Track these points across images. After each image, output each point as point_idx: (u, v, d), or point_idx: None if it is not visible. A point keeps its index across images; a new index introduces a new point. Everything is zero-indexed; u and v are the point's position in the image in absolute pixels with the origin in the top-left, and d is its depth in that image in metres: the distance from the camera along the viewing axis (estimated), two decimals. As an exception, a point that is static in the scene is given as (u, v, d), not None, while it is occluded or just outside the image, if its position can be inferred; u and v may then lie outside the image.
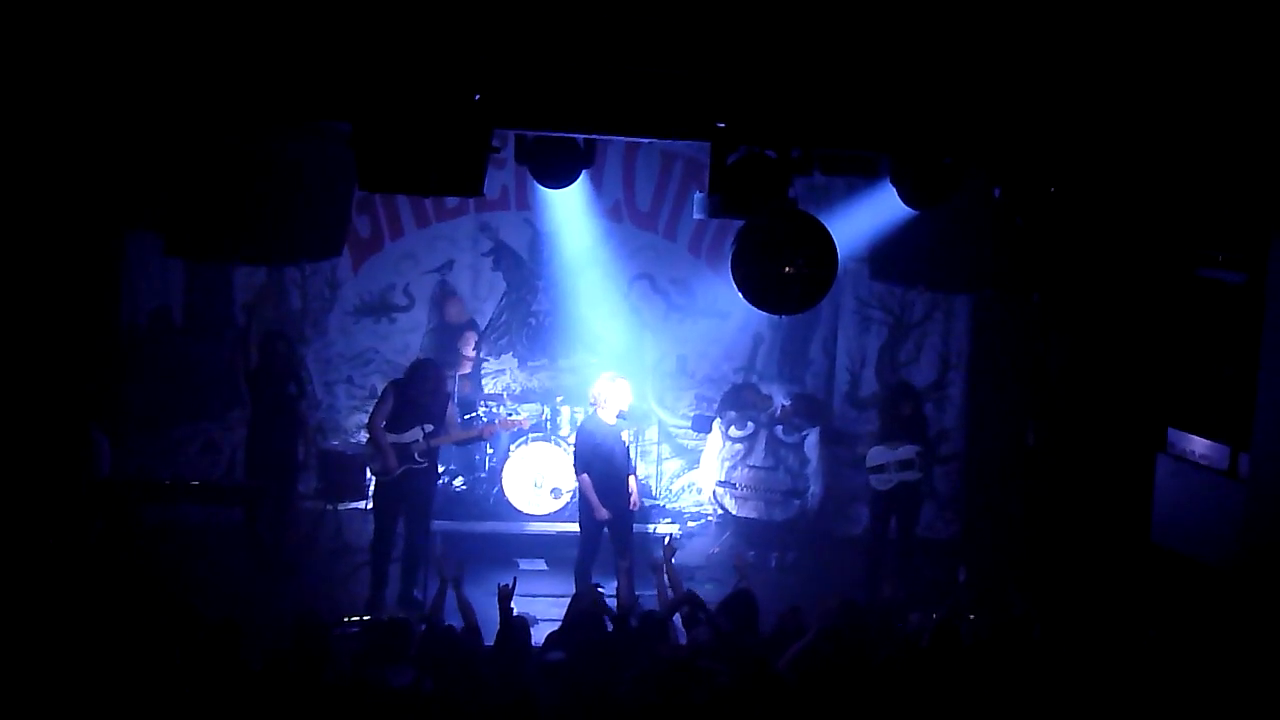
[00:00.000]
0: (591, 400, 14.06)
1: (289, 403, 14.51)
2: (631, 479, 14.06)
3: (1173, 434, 13.49)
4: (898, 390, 15.49)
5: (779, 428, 16.31)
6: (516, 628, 10.50)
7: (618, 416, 13.92)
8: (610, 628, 10.72)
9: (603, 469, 13.82)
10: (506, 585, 10.77)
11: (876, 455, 14.89)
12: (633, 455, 14.45)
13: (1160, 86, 9.93)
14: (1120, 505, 14.18)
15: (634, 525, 14.32)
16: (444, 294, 16.65)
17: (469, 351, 16.23)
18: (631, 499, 13.95)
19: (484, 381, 16.67)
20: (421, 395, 13.79)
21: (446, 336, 16.67)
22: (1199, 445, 13.11)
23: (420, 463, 13.76)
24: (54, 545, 11.61)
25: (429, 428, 13.74)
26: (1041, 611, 11.57)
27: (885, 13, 9.55)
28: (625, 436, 14.11)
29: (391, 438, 13.66)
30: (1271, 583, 10.95)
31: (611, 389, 13.94)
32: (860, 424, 16.71)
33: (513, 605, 10.66)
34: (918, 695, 9.81)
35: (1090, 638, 11.02)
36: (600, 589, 11.77)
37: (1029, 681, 10.00)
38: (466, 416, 15.48)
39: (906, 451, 14.72)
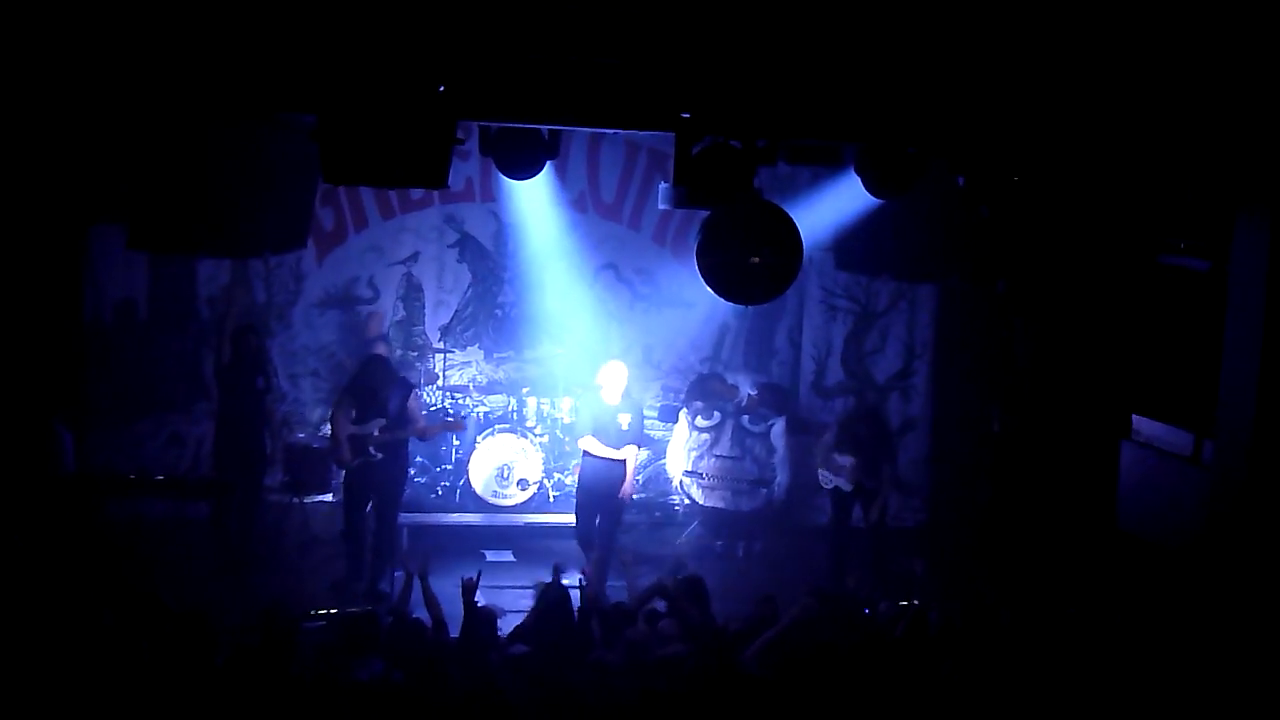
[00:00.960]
0: (597, 384, 14.26)
1: (257, 397, 14.46)
2: (629, 462, 14.11)
3: (1137, 420, 13.56)
4: (860, 410, 15.46)
5: (745, 417, 16.34)
6: (481, 620, 10.49)
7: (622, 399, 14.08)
8: (576, 617, 10.73)
9: (594, 469, 14.07)
10: (470, 579, 10.76)
11: (823, 478, 14.92)
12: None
13: (1122, 74, 9.96)
14: (1085, 491, 14.26)
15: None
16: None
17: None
18: (624, 487, 14.06)
19: (450, 373, 16.63)
20: (374, 389, 13.82)
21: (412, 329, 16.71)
22: (1163, 431, 13.18)
23: (375, 455, 13.76)
24: (18, 541, 11.53)
25: (382, 421, 13.75)
26: (1009, 598, 11.61)
27: (849, 3, 9.56)
28: (623, 421, 14.09)
29: (351, 429, 13.71)
30: (1234, 567, 11.01)
31: (609, 373, 14.14)
32: (826, 413, 16.73)
33: (478, 598, 10.65)
34: (888, 684, 9.84)
35: (1057, 624, 11.06)
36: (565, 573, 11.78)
37: (998, 668, 10.03)
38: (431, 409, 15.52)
39: (845, 461, 14.68)
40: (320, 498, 15.42)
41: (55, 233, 14.11)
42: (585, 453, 14.28)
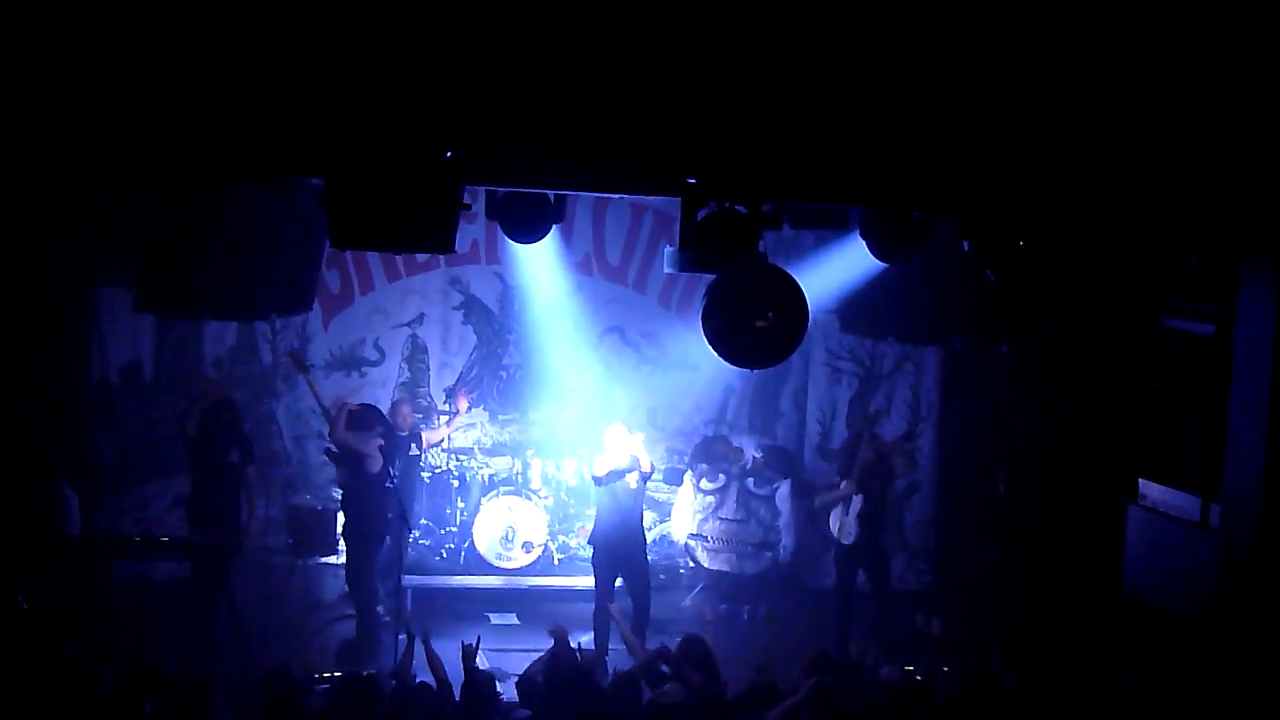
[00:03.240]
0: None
1: (230, 470, 14.21)
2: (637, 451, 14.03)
3: (1143, 484, 13.53)
4: (857, 437, 15.40)
5: (750, 480, 16.33)
6: (481, 684, 10.48)
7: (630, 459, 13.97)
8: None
9: (610, 506, 13.97)
10: (470, 645, 10.76)
11: (834, 519, 14.85)
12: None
13: (1127, 140, 9.99)
14: (1091, 555, 14.22)
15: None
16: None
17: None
18: (644, 464, 14.01)
19: (454, 435, 16.62)
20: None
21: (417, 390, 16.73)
22: (1169, 495, 13.15)
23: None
24: (22, 602, 11.52)
25: None
26: (1015, 663, 11.57)
27: (853, 69, 9.60)
28: (631, 481, 14.04)
29: None
30: (1243, 633, 10.96)
31: (610, 436, 14.06)
32: (831, 475, 16.70)
33: (483, 661, 10.64)
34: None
35: (1063, 689, 11.03)
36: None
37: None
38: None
39: (857, 503, 14.62)
40: (324, 559, 15.39)
41: (63, 295, 14.17)
42: (597, 512, 14.22)
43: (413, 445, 14.98)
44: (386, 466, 13.90)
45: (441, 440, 15.81)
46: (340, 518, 14.52)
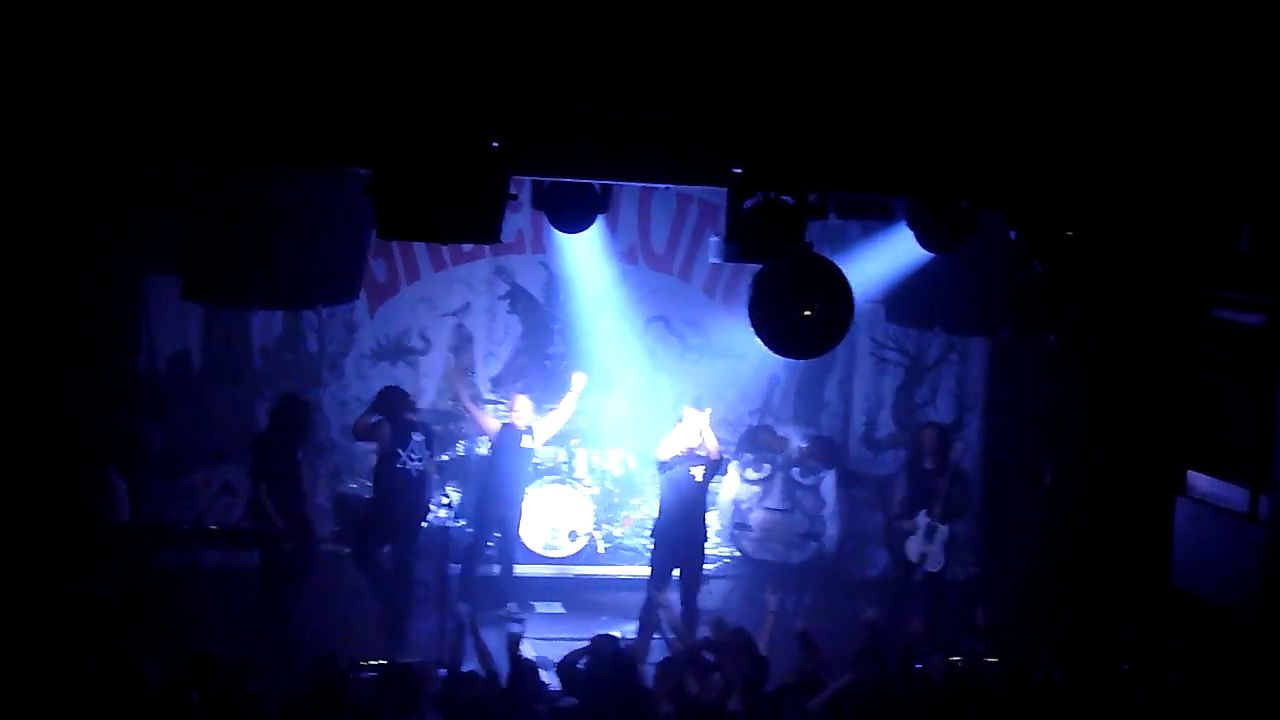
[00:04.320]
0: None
1: (296, 466, 14.34)
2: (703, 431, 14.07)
3: (1191, 476, 13.46)
4: (920, 439, 15.25)
5: (795, 470, 16.31)
6: (526, 672, 10.52)
7: (689, 451, 14.02)
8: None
9: (673, 499, 14.00)
10: (515, 634, 10.82)
11: (913, 546, 14.72)
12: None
13: (1178, 130, 9.94)
14: (1138, 547, 14.15)
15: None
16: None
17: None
18: (711, 450, 14.03)
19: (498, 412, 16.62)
20: None
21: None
22: (1218, 488, 13.08)
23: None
24: (72, 590, 11.61)
25: None
26: (1061, 654, 11.54)
27: (902, 57, 9.57)
28: (697, 474, 14.08)
29: None
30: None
31: (680, 424, 14.12)
32: (876, 466, 16.71)
33: (528, 650, 10.68)
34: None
35: (1110, 680, 10.99)
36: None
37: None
38: None
39: (943, 533, 14.55)
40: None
41: (111, 285, 14.24)
42: (661, 506, 14.25)
43: (526, 438, 15.01)
44: (395, 449, 14.01)
45: (553, 433, 15.73)
46: None
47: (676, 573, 14.08)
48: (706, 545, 14.64)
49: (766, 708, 10.46)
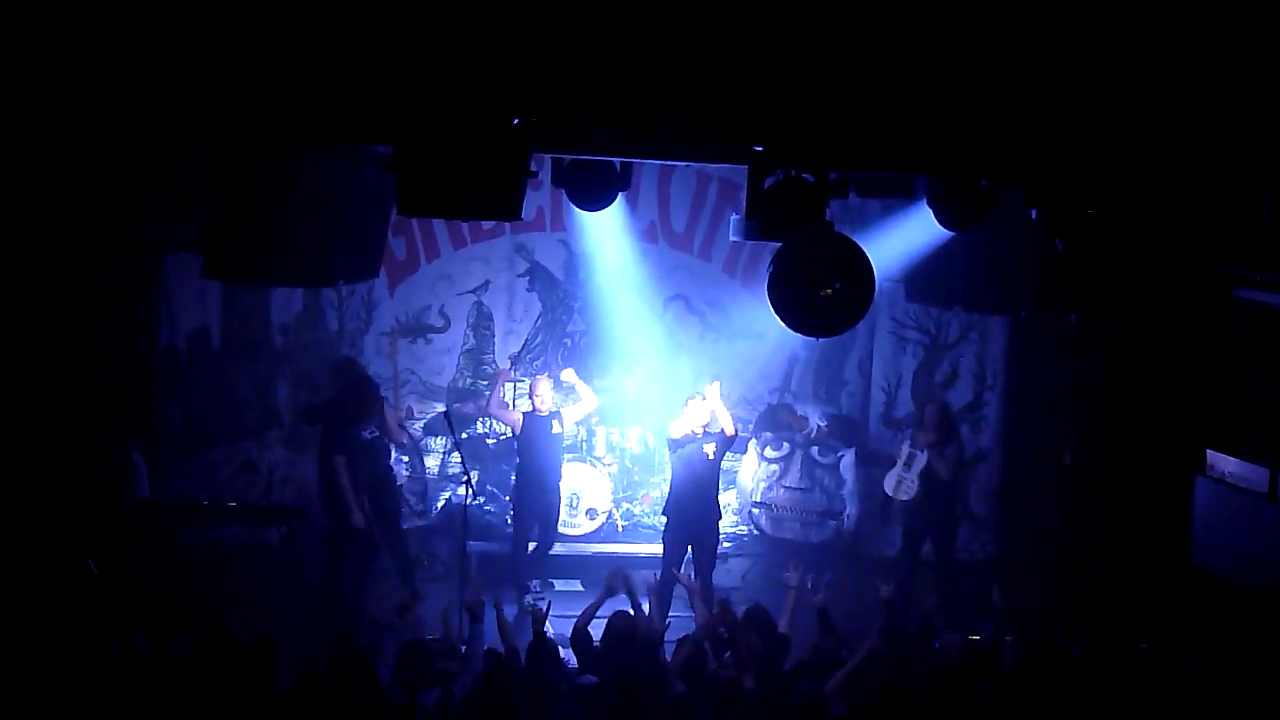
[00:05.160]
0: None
1: (364, 443, 14.47)
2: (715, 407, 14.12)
3: (1212, 456, 13.43)
4: (922, 415, 15.43)
5: (814, 449, 16.32)
6: (547, 649, 10.53)
7: (704, 429, 14.00)
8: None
9: (685, 476, 14.01)
10: (540, 609, 10.83)
11: (892, 477, 14.96)
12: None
13: (1199, 108, 9.91)
14: (1158, 526, 14.13)
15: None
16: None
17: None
18: (726, 428, 14.10)
19: (519, 402, 16.64)
20: None
21: (482, 358, 16.79)
22: (1238, 467, 13.05)
23: None
24: (92, 566, 11.63)
25: None
26: (1079, 633, 11.53)
27: (922, 35, 9.55)
28: (709, 451, 14.10)
29: None
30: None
31: (692, 402, 14.11)
32: (896, 445, 16.67)
33: (546, 627, 10.69)
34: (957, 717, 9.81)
35: (1129, 660, 10.98)
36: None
37: (1067, 707, 9.96)
38: None
39: (921, 461, 14.68)
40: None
41: (132, 262, 14.25)
42: (672, 483, 14.25)
43: (554, 423, 15.02)
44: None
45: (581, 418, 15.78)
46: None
47: (689, 551, 14.09)
48: (723, 523, 14.65)
49: (784, 685, 10.46)
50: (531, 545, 15.15)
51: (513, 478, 15.43)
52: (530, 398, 14.92)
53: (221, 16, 9.06)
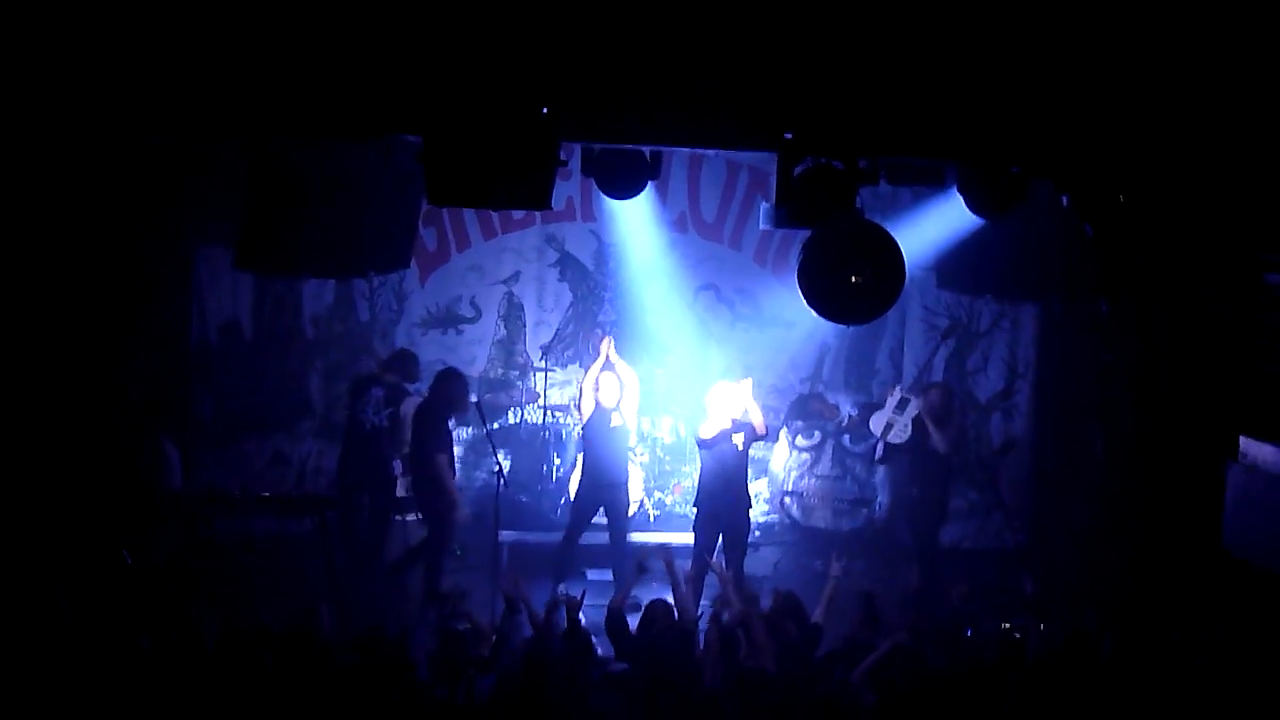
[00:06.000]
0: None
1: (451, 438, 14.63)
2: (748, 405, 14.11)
3: (1244, 442, 13.37)
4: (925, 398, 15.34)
5: (846, 437, 16.32)
6: (580, 638, 10.55)
7: (731, 422, 13.99)
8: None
9: (714, 469, 14.01)
10: (575, 597, 10.85)
11: (879, 417, 15.01)
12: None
13: (1230, 94, 9.87)
14: (1190, 514, 14.08)
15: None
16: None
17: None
18: (757, 424, 14.09)
19: (550, 392, 16.67)
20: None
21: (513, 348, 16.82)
22: (1272, 454, 12.98)
23: None
24: (127, 557, 11.69)
25: None
26: (1111, 622, 11.51)
27: (951, 22, 9.53)
28: (738, 442, 14.07)
29: None
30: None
31: (713, 397, 14.10)
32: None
33: (580, 616, 10.71)
34: (983, 708, 9.79)
35: (1161, 648, 10.95)
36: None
37: (1100, 695, 9.95)
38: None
39: (914, 406, 14.76)
40: (414, 516, 15.51)
41: (164, 254, 14.31)
42: (701, 474, 14.26)
43: (614, 416, 14.88)
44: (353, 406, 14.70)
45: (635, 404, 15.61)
46: None
47: (720, 540, 14.10)
48: (754, 512, 14.65)
49: (815, 673, 10.46)
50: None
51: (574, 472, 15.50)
52: (596, 389, 14.85)
53: (251, 9, 9.08)
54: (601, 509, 14.74)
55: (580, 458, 15.84)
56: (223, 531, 14.11)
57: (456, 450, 15.34)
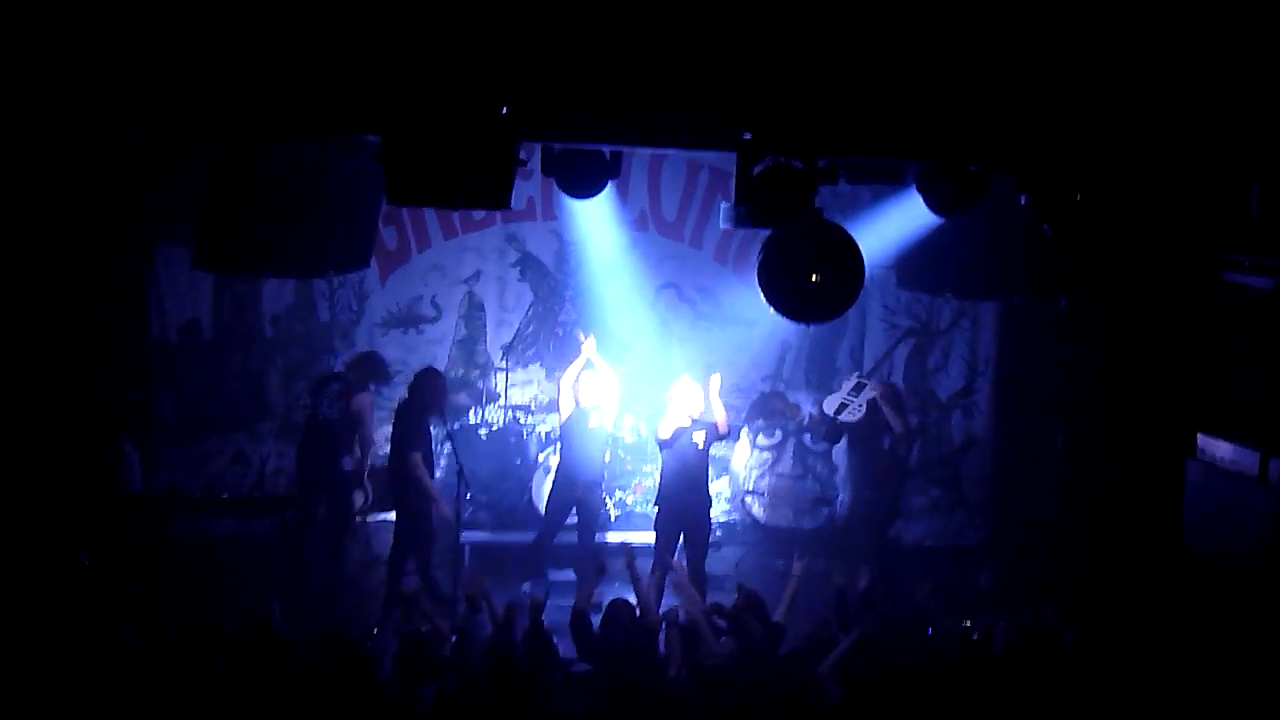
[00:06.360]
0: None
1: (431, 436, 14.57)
2: (710, 401, 14.11)
3: (1202, 440, 13.45)
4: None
5: (807, 436, 16.33)
6: (543, 638, 10.54)
7: (691, 420, 13.98)
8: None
9: (676, 467, 14.01)
10: (539, 598, 10.84)
11: (832, 401, 14.91)
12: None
13: (1189, 93, 9.92)
14: (1151, 511, 14.17)
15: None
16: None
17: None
18: (720, 422, 14.07)
19: (511, 392, 16.66)
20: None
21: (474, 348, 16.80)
22: (1228, 451, 13.07)
23: None
24: (85, 559, 11.63)
25: None
26: (1073, 617, 11.56)
27: (910, 21, 9.55)
28: (699, 440, 14.07)
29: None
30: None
31: (674, 394, 14.09)
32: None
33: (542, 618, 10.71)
34: (948, 703, 9.82)
35: (1122, 643, 11.00)
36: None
37: (1062, 690, 9.99)
38: None
39: (869, 391, 14.67)
40: (382, 516, 15.47)
41: (122, 253, 14.26)
42: (663, 473, 14.25)
43: (593, 415, 14.84)
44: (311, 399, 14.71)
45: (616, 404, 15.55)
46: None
47: (681, 539, 14.10)
48: (715, 511, 14.66)
49: (778, 671, 10.48)
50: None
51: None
52: (574, 390, 14.82)
53: (210, 6, 9.05)
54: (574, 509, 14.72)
55: (543, 457, 15.85)
56: (183, 532, 14.07)
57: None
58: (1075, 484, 15.67)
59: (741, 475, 16.40)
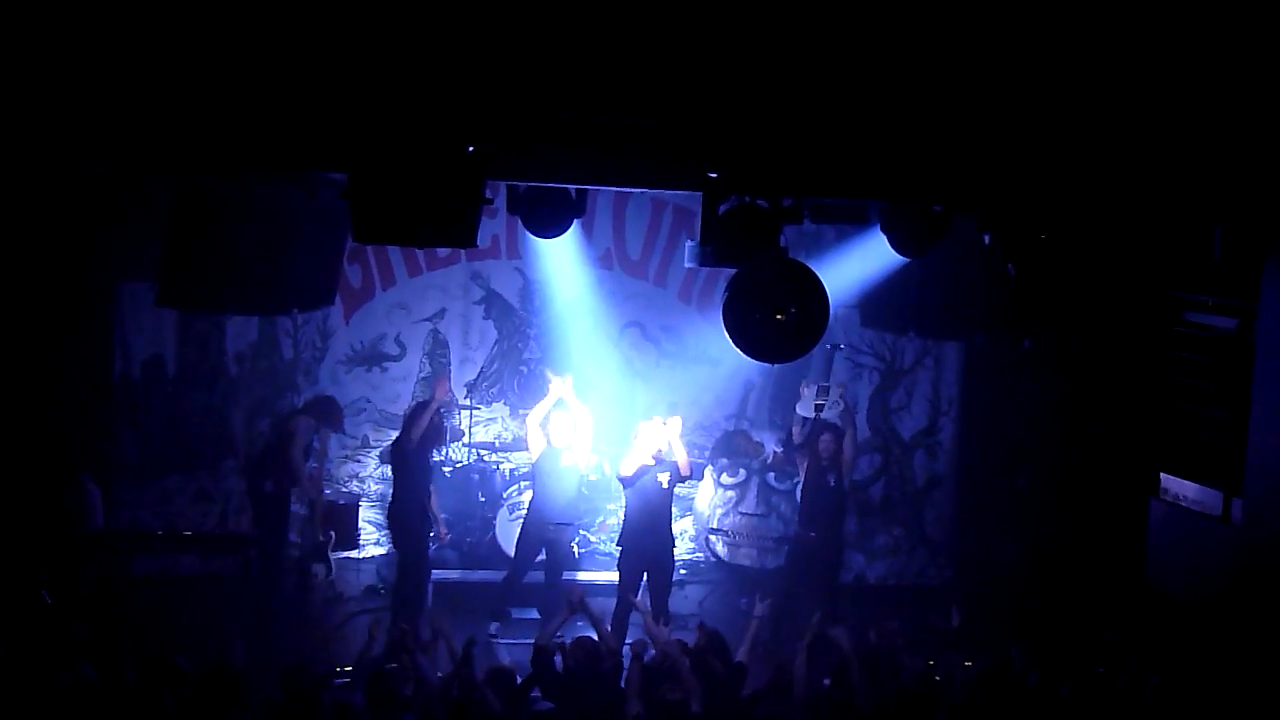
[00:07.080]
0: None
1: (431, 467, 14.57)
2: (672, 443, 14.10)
3: (1165, 479, 13.50)
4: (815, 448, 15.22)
5: (771, 475, 16.34)
6: (504, 678, 10.52)
7: (654, 459, 13.96)
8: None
9: (639, 507, 14.01)
10: (492, 636, 10.84)
11: (807, 401, 15.06)
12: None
13: (1150, 134, 9.98)
14: (1114, 549, 14.20)
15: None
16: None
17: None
18: (681, 464, 14.07)
19: (475, 430, 16.64)
20: None
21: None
22: (1192, 490, 13.12)
23: None
24: (45, 597, 11.57)
25: None
26: (1036, 657, 11.57)
27: (874, 62, 9.60)
28: (663, 480, 14.07)
29: None
30: (1264, 625, 10.95)
31: (645, 430, 14.08)
32: (851, 471, 16.69)
33: (504, 655, 10.69)
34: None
35: (1085, 683, 11.02)
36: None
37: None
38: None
39: (827, 390, 14.74)
40: (346, 554, 15.43)
41: (85, 290, 14.20)
42: (626, 513, 14.24)
43: (564, 454, 14.82)
44: None
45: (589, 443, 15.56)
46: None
47: (645, 578, 14.08)
48: (678, 550, 14.65)
49: (738, 711, 10.47)
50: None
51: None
52: (543, 429, 14.79)
53: (173, 43, 9.04)
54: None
55: (507, 494, 15.82)
56: (145, 569, 14.00)
57: (377, 488, 15.32)
58: (1039, 523, 15.70)
59: (705, 514, 16.39)
